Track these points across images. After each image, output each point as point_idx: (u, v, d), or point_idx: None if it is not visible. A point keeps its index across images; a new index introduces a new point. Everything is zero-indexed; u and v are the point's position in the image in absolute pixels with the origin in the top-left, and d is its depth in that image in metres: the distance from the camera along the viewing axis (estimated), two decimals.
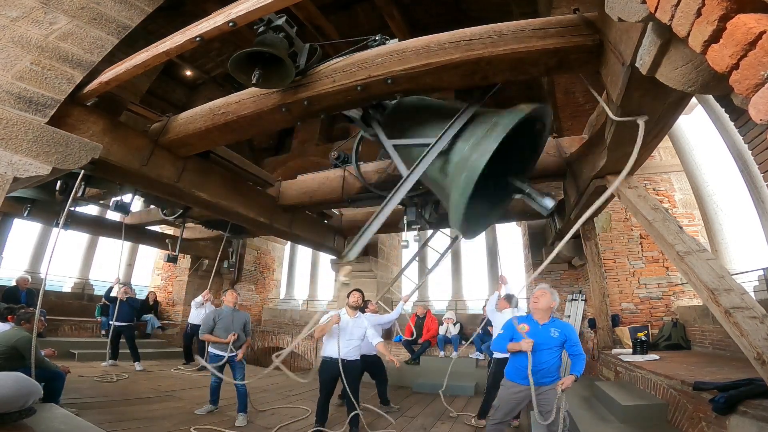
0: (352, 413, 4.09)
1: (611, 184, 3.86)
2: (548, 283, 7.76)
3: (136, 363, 6.88)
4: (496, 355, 4.63)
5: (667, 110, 2.74)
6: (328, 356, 4.17)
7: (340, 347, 4.12)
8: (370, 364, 5.05)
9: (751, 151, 3.32)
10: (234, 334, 4.63)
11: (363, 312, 5.58)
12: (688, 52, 1.64)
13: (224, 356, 4.57)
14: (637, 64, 2.00)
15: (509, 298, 4.92)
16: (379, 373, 5.25)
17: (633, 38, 1.98)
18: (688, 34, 1.24)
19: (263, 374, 3.54)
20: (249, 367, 5.20)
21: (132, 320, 7.28)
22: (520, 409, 3.27)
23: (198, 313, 7.89)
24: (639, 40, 1.91)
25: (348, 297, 4.43)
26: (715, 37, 1.13)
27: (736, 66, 1.07)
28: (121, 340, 7.15)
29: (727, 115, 3.66)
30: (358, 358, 4.35)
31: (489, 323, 5.64)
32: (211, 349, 4.64)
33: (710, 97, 4.72)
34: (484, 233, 10.50)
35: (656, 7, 1.39)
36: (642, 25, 1.80)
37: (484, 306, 6.58)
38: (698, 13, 1.16)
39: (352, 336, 4.24)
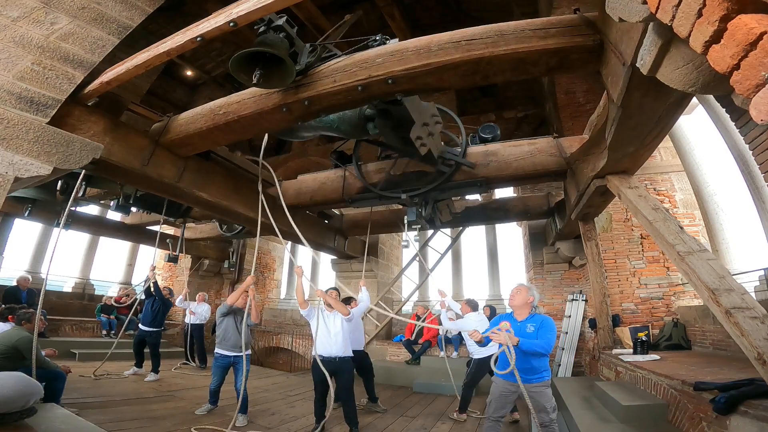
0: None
1: (611, 183, 3.89)
2: (549, 283, 7.79)
3: (151, 372, 6.30)
4: (476, 355, 4.79)
5: (667, 110, 2.74)
6: (319, 354, 4.16)
7: (323, 343, 4.14)
8: (358, 359, 5.01)
9: (751, 152, 3.31)
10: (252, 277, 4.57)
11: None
12: (689, 53, 1.64)
13: (230, 357, 4.54)
14: (637, 64, 2.00)
15: (470, 303, 5.29)
16: (365, 369, 5.21)
17: (634, 38, 1.98)
18: (689, 35, 1.24)
19: None
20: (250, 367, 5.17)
21: (160, 325, 6.63)
22: (510, 405, 3.27)
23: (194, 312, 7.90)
24: (640, 40, 1.91)
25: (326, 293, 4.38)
26: (716, 38, 1.13)
27: (737, 66, 1.07)
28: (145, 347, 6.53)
29: (728, 115, 3.66)
30: (350, 355, 4.25)
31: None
32: (217, 350, 4.60)
33: (711, 97, 4.71)
34: (484, 233, 10.51)
35: (657, 8, 1.39)
36: (643, 25, 1.80)
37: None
38: (699, 14, 1.16)
39: (330, 330, 4.18)
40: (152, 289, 6.56)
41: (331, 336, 4.15)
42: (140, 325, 6.54)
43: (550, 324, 3.02)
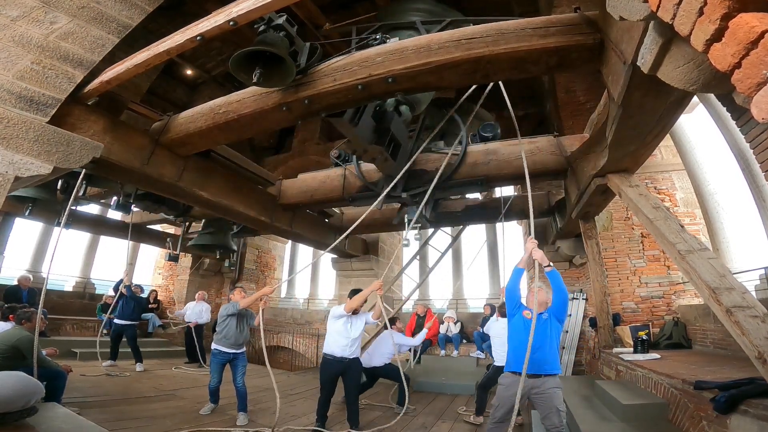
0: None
1: (612, 182, 3.88)
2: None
3: (137, 364, 6.74)
4: (497, 362, 4.70)
5: (668, 109, 2.73)
6: (329, 353, 4.17)
7: (341, 344, 4.13)
8: (384, 370, 5.09)
9: (752, 150, 3.31)
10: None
11: (388, 327, 5.57)
12: (690, 51, 1.64)
13: (229, 354, 4.53)
14: (638, 63, 2.00)
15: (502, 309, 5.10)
16: (396, 377, 5.24)
17: (634, 37, 1.97)
18: (690, 33, 1.23)
19: None
20: (250, 366, 5.18)
21: (136, 319, 7.15)
22: (519, 405, 3.24)
23: (195, 312, 7.91)
24: (640, 39, 1.91)
25: (349, 297, 4.38)
26: (718, 36, 1.12)
27: (738, 65, 1.07)
28: (122, 340, 6.97)
29: (729, 114, 3.66)
30: (359, 356, 4.32)
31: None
32: (214, 346, 4.59)
33: (712, 95, 4.70)
34: (484, 232, 10.50)
35: (658, 6, 1.39)
36: (644, 23, 1.79)
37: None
38: (700, 12, 1.16)
39: (350, 333, 4.19)
40: (124, 292, 6.97)
41: (349, 339, 4.17)
42: (116, 320, 6.93)
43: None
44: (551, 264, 3.10)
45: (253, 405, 4.64)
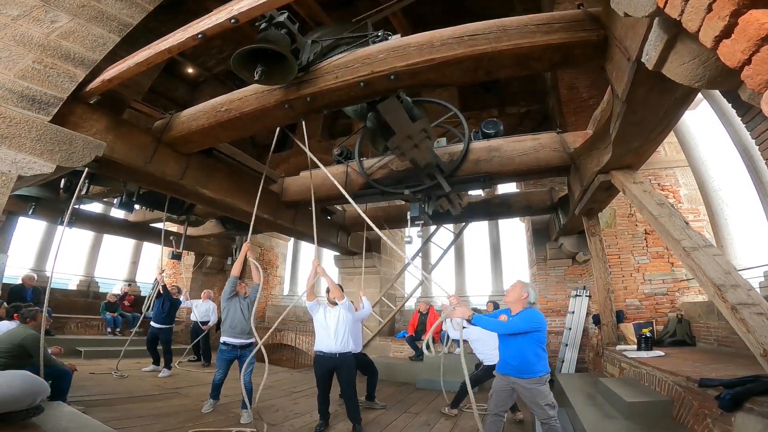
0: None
1: (616, 179, 3.86)
2: (553, 279, 7.78)
3: (164, 369, 6.44)
4: (487, 362, 4.75)
5: (673, 105, 2.71)
6: (319, 350, 4.18)
7: (325, 339, 4.14)
8: (357, 360, 5.05)
9: (758, 147, 3.28)
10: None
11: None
12: (695, 48, 1.62)
13: (236, 351, 4.52)
14: (643, 60, 1.98)
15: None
16: (368, 369, 5.24)
17: (639, 33, 1.96)
18: (699, 30, 1.22)
19: None
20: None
21: (171, 322, 6.90)
22: (510, 401, 3.27)
23: (201, 311, 7.92)
24: (645, 36, 1.89)
25: (327, 292, 4.38)
26: (727, 33, 1.11)
27: (748, 61, 1.06)
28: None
29: (734, 110, 3.63)
30: (350, 350, 4.26)
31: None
32: (222, 339, 4.56)
33: (716, 92, 4.66)
34: (487, 230, 10.48)
35: (665, 3, 1.37)
36: (648, 20, 1.78)
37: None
38: (709, 9, 1.14)
39: (327, 324, 4.17)
40: (161, 291, 6.75)
41: (331, 331, 4.13)
42: (152, 323, 6.73)
43: (529, 314, 2.99)
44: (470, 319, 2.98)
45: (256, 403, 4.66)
